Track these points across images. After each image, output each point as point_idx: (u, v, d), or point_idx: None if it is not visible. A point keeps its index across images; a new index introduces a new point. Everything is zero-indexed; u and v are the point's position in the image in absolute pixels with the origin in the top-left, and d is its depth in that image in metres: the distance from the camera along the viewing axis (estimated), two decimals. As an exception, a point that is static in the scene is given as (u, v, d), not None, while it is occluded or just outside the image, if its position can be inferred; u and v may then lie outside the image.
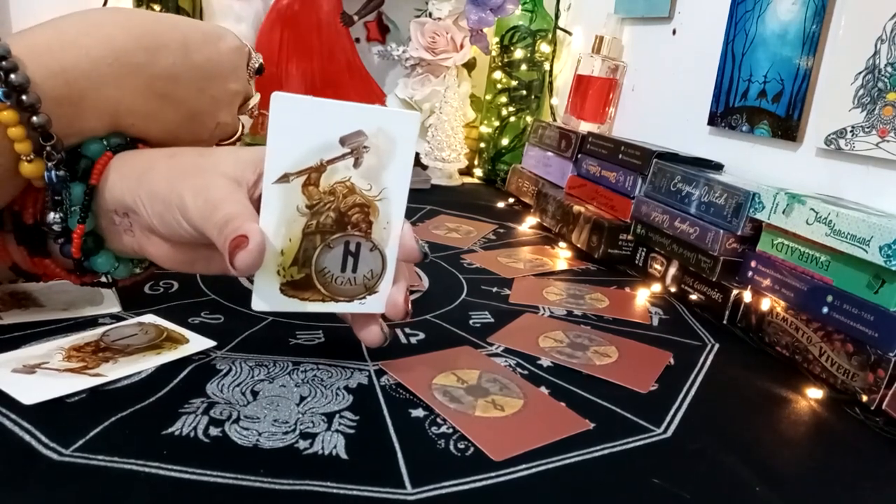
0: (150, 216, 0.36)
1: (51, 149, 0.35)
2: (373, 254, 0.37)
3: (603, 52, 0.92)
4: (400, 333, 0.46)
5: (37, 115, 0.33)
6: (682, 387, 0.43)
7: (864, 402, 0.43)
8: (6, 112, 0.33)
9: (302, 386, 0.37)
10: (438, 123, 1.03)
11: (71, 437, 0.30)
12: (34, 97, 0.33)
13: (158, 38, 0.38)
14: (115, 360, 0.37)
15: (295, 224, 0.36)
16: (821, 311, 0.47)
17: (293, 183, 0.35)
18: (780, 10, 0.66)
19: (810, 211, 0.49)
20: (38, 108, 0.33)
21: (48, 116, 0.34)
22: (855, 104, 0.56)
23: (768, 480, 0.34)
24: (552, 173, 0.90)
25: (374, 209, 0.37)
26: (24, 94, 0.33)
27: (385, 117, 0.36)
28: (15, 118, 0.33)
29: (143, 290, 0.49)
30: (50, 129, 0.34)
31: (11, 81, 0.33)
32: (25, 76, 0.33)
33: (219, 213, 0.34)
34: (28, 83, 0.33)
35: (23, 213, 0.38)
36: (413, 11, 1.10)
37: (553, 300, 0.57)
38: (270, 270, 0.36)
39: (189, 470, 0.29)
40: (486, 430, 0.35)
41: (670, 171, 0.65)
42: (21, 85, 0.33)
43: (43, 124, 0.34)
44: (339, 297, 0.38)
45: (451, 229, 0.78)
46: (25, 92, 0.33)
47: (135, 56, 0.37)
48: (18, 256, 0.39)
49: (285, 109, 0.34)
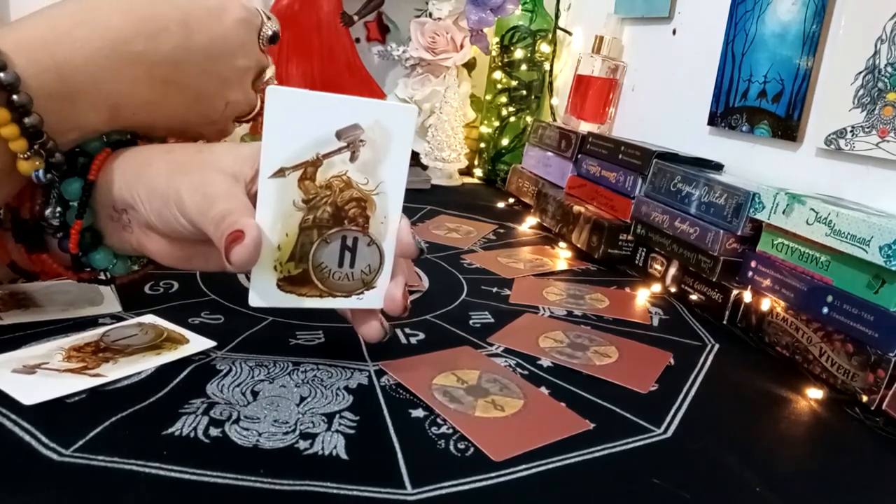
0: (148, 212, 0.36)
1: (39, 147, 0.34)
2: (370, 249, 0.37)
3: (603, 52, 0.92)
4: (400, 333, 0.46)
5: (28, 116, 0.33)
6: (682, 387, 0.43)
7: (864, 402, 0.43)
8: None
9: (302, 386, 0.37)
10: (438, 123, 1.03)
11: (71, 437, 0.30)
12: (25, 97, 0.32)
13: (158, 20, 0.37)
14: (115, 360, 0.37)
15: (291, 219, 0.35)
16: (821, 312, 0.47)
17: (289, 177, 0.35)
18: (780, 10, 0.66)
19: (810, 211, 0.49)
20: (31, 108, 0.33)
21: (40, 116, 0.33)
22: (855, 104, 0.56)
23: (768, 480, 0.34)
24: (552, 173, 0.90)
25: (371, 203, 0.37)
26: (15, 93, 0.32)
27: (381, 111, 0.35)
28: (7, 117, 0.32)
29: (143, 291, 0.49)
30: (42, 128, 0.33)
31: (0, 80, 0.32)
32: (15, 74, 0.32)
33: (215, 209, 0.34)
34: (18, 82, 0.32)
35: (20, 208, 0.38)
36: (413, 11, 1.10)
37: (553, 300, 0.57)
38: (267, 266, 0.36)
39: (189, 470, 0.29)
40: (486, 431, 0.35)
41: (670, 172, 0.65)
42: (11, 84, 0.32)
43: (35, 124, 0.33)
44: (336, 293, 0.38)
45: (451, 229, 0.78)
46: (16, 91, 0.32)
47: (133, 44, 0.36)
48: (17, 254, 0.39)
49: (281, 103, 0.33)
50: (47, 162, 0.35)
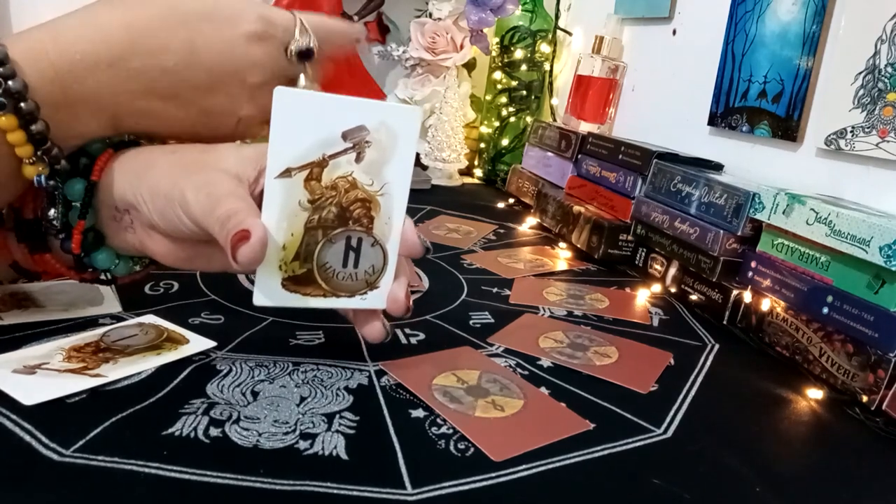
0: (151, 212, 0.36)
1: (43, 153, 0.34)
2: (374, 249, 0.37)
3: (603, 53, 0.92)
4: (400, 333, 0.46)
5: (35, 123, 0.33)
6: (682, 387, 0.43)
7: (864, 402, 0.43)
8: (4, 118, 0.32)
9: (302, 386, 0.37)
10: (438, 124, 1.03)
11: (71, 437, 0.30)
12: (32, 105, 0.33)
13: (161, 38, 0.36)
14: (116, 360, 0.37)
15: (297, 219, 0.36)
16: (821, 312, 0.47)
17: (295, 178, 0.35)
18: (780, 10, 0.66)
19: (810, 211, 0.49)
20: (37, 116, 0.33)
21: (46, 123, 0.33)
22: (855, 104, 0.56)
23: (768, 480, 0.34)
24: (552, 173, 0.90)
25: (376, 204, 0.37)
26: (23, 101, 0.33)
27: (387, 112, 0.36)
28: (14, 123, 0.33)
29: (144, 291, 0.49)
30: (48, 134, 0.34)
31: (9, 88, 0.32)
32: (23, 82, 0.32)
33: (221, 209, 0.34)
34: (26, 90, 0.33)
35: (23, 209, 0.38)
36: (413, 11, 1.10)
37: (553, 300, 0.57)
38: (272, 265, 0.36)
39: (189, 470, 0.29)
40: (486, 431, 0.35)
41: (670, 172, 0.65)
42: (19, 92, 0.32)
43: (41, 131, 0.33)
44: (340, 293, 0.38)
45: (452, 229, 0.78)
46: (24, 99, 0.33)
47: (132, 60, 0.36)
48: (19, 254, 0.39)
49: (288, 104, 0.34)
50: (52, 168, 0.35)
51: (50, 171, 0.35)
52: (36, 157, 0.34)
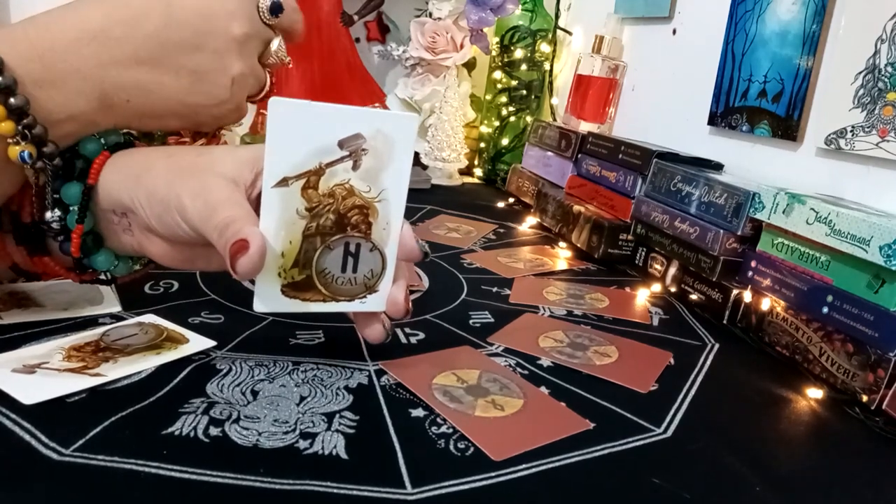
0: (148, 216, 0.36)
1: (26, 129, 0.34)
2: (372, 254, 0.38)
3: (603, 52, 0.92)
4: (400, 333, 0.46)
5: (14, 97, 0.33)
6: (682, 387, 0.43)
7: (864, 402, 0.43)
8: None
9: (302, 386, 0.37)
10: (438, 123, 1.03)
11: (71, 437, 0.30)
12: (9, 79, 0.33)
13: (136, 6, 0.37)
14: (115, 359, 0.37)
15: (295, 227, 0.36)
16: (821, 311, 0.47)
17: (292, 187, 0.35)
18: (780, 10, 0.66)
19: (810, 211, 0.49)
20: (15, 90, 0.33)
21: (25, 98, 0.33)
22: (855, 104, 0.56)
23: (768, 480, 0.34)
24: (552, 173, 0.90)
25: (374, 210, 0.37)
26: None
27: (383, 120, 0.36)
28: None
29: (143, 290, 0.49)
30: (28, 109, 0.34)
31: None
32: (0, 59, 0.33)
33: (218, 216, 0.34)
34: (1, 64, 0.33)
35: (20, 211, 0.38)
36: (413, 11, 1.10)
37: (553, 300, 0.57)
38: (271, 272, 0.36)
39: (189, 470, 0.29)
40: (486, 430, 0.35)
41: (670, 171, 0.65)
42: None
43: (21, 105, 0.33)
44: (339, 297, 0.38)
45: (451, 229, 0.78)
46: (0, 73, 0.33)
47: (111, 31, 0.36)
48: (18, 256, 0.39)
49: (283, 115, 0.34)
50: (39, 151, 0.35)
51: (38, 153, 0.35)
52: (19, 135, 0.34)
